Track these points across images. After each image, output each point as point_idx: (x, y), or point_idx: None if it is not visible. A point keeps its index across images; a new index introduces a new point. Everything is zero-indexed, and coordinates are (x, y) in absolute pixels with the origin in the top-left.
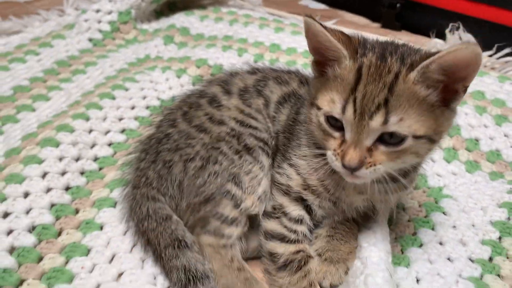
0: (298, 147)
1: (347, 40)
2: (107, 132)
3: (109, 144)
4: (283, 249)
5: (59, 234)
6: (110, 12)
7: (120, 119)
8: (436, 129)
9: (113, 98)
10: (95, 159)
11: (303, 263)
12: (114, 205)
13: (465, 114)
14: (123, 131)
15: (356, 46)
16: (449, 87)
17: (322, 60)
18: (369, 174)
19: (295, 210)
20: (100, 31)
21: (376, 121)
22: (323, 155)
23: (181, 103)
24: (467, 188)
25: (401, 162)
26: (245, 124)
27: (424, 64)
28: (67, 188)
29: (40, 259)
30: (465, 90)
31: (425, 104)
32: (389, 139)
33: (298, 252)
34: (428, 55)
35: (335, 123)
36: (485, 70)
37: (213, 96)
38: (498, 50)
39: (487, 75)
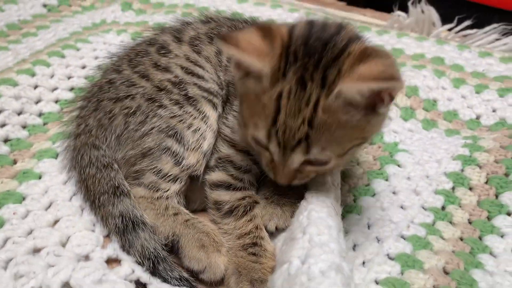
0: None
1: (269, 45)
2: (54, 89)
3: (56, 101)
4: (228, 197)
5: None
6: None
7: (69, 77)
8: (364, 136)
9: (63, 56)
10: (40, 114)
11: (248, 208)
12: (55, 156)
13: (423, 76)
14: (71, 89)
15: (280, 52)
16: (375, 100)
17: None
18: (303, 181)
19: (243, 161)
20: None
21: (298, 155)
22: None
23: (129, 50)
24: (423, 143)
25: (334, 171)
26: (190, 72)
27: (346, 89)
28: (6, 140)
29: None
30: (390, 100)
31: (348, 124)
32: (313, 160)
33: (244, 198)
34: (352, 77)
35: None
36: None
37: (163, 43)
38: (458, 23)
39: (447, 44)
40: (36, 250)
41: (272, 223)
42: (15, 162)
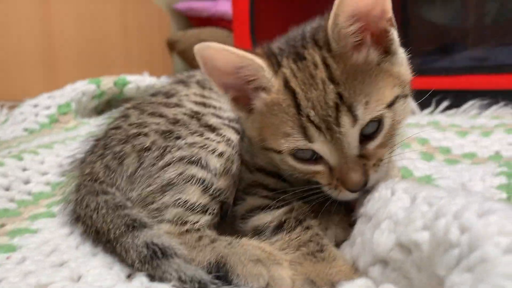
0: None
1: (254, 52)
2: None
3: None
4: (270, 217)
5: None
6: (48, 107)
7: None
8: (400, 82)
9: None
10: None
11: (302, 218)
12: (53, 216)
13: None
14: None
15: (267, 53)
16: (377, 32)
17: (241, 94)
18: (379, 174)
19: (276, 183)
20: (37, 122)
21: (347, 125)
22: None
23: (132, 103)
24: (456, 172)
25: (394, 137)
26: (206, 104)
27: (331, 23)
28: None
29: None
30: (391, 24)
31: (372, 68)
32: (368, 130)
33: (290, 211)
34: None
35: (306, 155)
36: None
37: (169, 90)
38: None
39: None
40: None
41: (330, 232)
42: (2, 225)
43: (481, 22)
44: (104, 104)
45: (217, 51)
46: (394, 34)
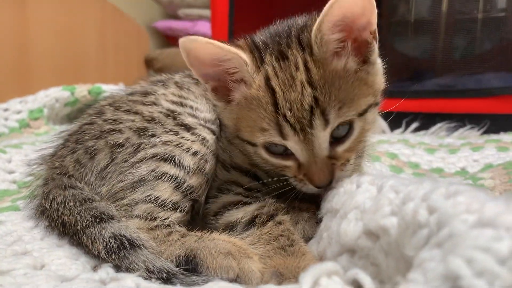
0: None
1: (238, 45)
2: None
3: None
4: (242, 213)
5: None
6: (19, 112)
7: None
8: (374, 91)
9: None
10: None
11: (273, 213)
12: (18, 209)
13: None
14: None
15: (251, 47)
16: (359, 41)
17: (221, 84)
18: (345, 173)
19: (250, 182)
20: (6, 126)
21: (319, 128)
22: None
23: (108, 99)
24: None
25: (362, 142)
26: (183, 104)
27: (315, 29)
28: None
29: None
30: (374, 37)
31: (349, 76)
32: (338, 131)
33: (262, 207)
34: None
35: (279, 149)
36: None
37: (146, 89)
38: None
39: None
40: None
41: (299, 227)
42: None
43: (449, 56)
44: (77, 112)
45: (202, 45)
46: (375, 45)
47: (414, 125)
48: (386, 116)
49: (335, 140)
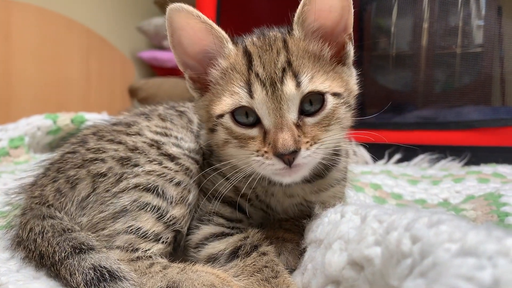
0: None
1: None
2: None
3: None
4: (224, 245)
5: None
6: None
7: None
8: (346, 88)
9: None
10: None
11: (256, 244)
12: None
13: None
14: None
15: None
16: (336, 41)
17: (198, 72)
18: (312, 155)
19: (232, 213)
20: None
21: (289, 85)
22: None
23: (91, 129)
24: None
25: (331, 134)
26: (167, 134)
27: (298, 12)
28: None
29: None
30: (351, 39)
31: (323, 60)
32: (310, 107)
33: (245, 238)
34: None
35: (246, 120)
36: None
37: (129, 121)
38: (389, 158)
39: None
40: None
41: (283, 258)
42: None
43: (430, 89)
44: (59, 141)
45: (189, 14)
46: (351, 49)
47: (397, 156)
48: (369, 148)
49: (304, 113)
